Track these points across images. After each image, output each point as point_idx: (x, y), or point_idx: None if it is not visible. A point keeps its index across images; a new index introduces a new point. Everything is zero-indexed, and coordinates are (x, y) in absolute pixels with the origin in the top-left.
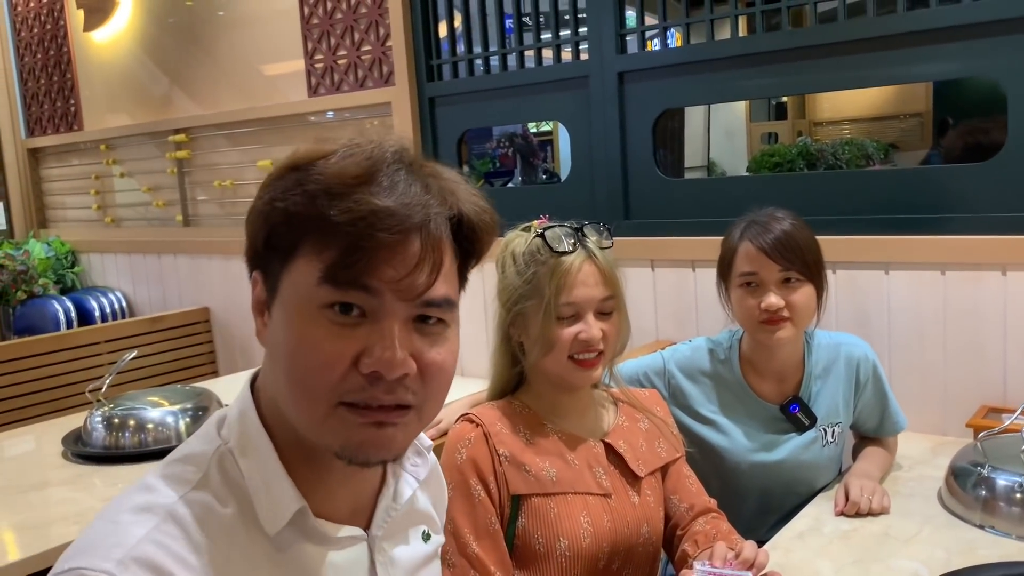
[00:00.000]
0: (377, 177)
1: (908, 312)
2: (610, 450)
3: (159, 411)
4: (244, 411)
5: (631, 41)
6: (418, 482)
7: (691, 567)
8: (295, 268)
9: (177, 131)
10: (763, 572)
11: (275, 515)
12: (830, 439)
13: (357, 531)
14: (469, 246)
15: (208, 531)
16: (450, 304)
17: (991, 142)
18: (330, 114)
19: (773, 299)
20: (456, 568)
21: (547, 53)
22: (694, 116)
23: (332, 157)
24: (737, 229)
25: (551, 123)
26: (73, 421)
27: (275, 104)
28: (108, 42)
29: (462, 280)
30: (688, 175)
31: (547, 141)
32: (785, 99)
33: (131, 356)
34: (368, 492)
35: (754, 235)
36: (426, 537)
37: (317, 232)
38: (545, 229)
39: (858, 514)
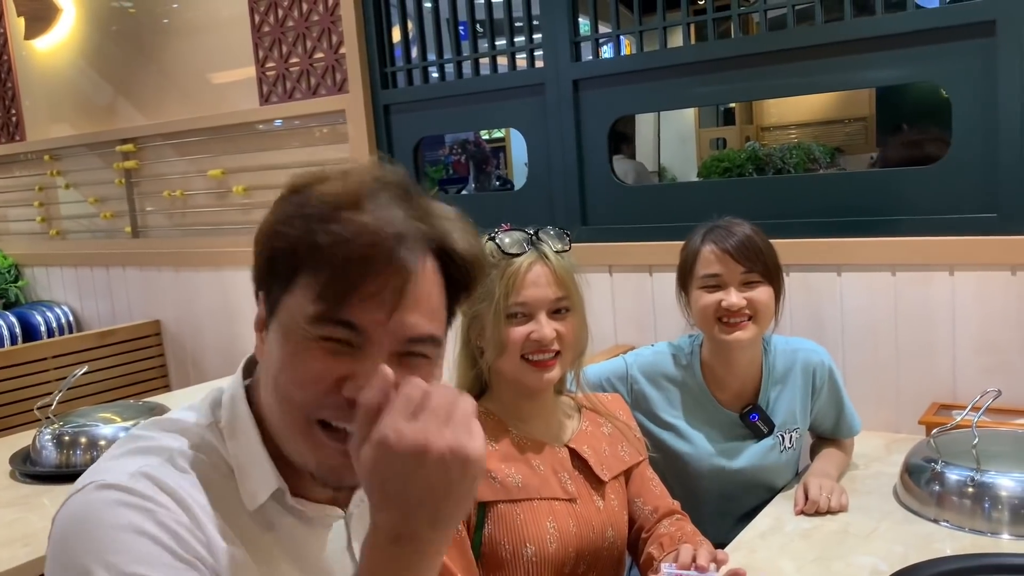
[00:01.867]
0: (364, 203)
1: (860, 312)
2: (574, 455)
3: (112, 427)
4: (235, 397)
5: (585, 48)
6: None
7: (657, 569)
8: (293, 295)
9: (124, 141)
10: (726, 570)
11: (254, 494)
12: (788, 444)
13: (334, 509)
14: (459, 279)
15: (205, 482)
16: (435, 342)
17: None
18: (278, 122)
19: (735, 298)
20: None
21: (502, 60)
22: (644, 122)
23: (327, 182)
24: (698, 235)
25: (503, 130)
26: (21, 440)
27: (226, 113)
28: (50, 51)
29: (450, 315)
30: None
31: (499, 148)
32: (733, 105)
33: (81, 372)
34: None
35: (717, 238)
36: None
37: (312, 260)
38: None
39: (817, 512)
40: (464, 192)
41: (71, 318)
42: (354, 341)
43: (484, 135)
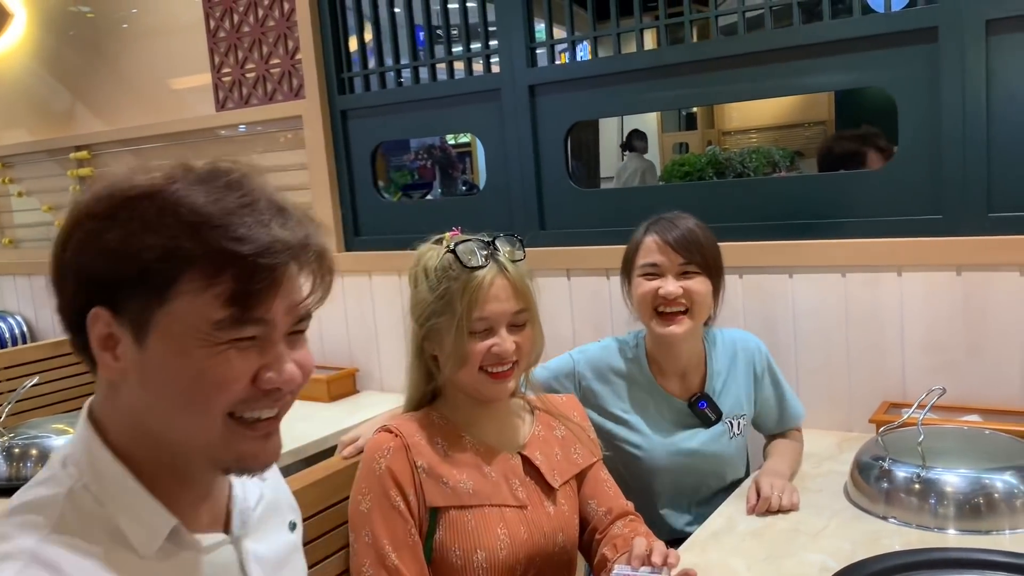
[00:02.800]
0: (258, 207)
1: (812, 314)
2: (527, 462)
3: (64, 439)
4: (89, 445)
5: (541, 54)
6: (263, 481)
7: (610, 570)
8: (179, 301)
9: (79, 147)
10: (678, 571)
11: (149, 538)
12: (736, 431)
13: (221, 536)
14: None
15: (79, 566)
16: (311, 316)
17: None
18: (242, 127)
19: (671, 286)
20: None
21: (459, 66)
22: (608, 128)
23: (178, 183)
24: (642, 226)
25: (469, 135)
26: None
27: (182, 119)
28: (3, 55)
29: None
30: (604, 184)
31: (466, 152)
32: (695, 110)
33: (31, 383)
34: (223, 499)
35: (660, 229)
36: (292, 527)
37: (202, 265)
38: (457, 243)
39: (769, 511)
40: (429, 197)
41: (25, 328)
42: (260, 334)
43: (450, 139)
